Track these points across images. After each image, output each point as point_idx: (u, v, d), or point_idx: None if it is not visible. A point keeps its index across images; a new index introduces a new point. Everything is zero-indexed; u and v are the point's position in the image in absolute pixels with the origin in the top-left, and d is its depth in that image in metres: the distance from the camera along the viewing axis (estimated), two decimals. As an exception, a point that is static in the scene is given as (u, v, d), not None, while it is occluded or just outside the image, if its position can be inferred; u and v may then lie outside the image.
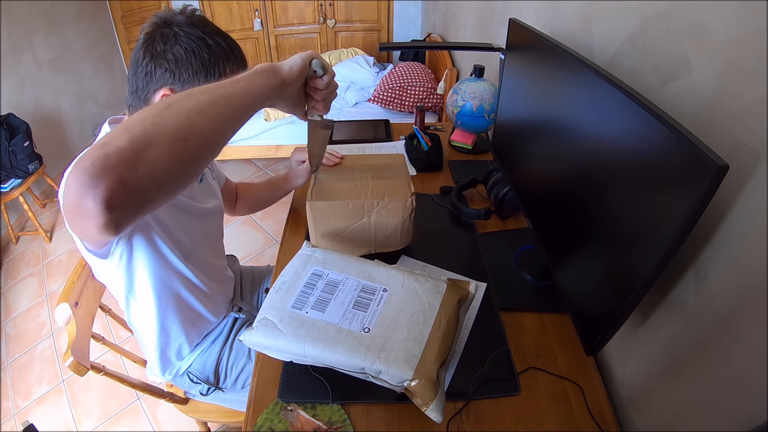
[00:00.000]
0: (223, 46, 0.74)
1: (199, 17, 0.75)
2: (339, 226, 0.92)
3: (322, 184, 0.95)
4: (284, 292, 0.75)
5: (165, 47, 0.71)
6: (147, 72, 0.72)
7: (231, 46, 0.76)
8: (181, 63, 0.72)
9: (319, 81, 0.67)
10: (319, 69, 0.66)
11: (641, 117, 0.52)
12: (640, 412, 0.71)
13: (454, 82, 2.11)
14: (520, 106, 0.98)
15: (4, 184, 2.29)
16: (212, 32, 0.74)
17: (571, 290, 0.74)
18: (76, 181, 0.40)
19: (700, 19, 0.56)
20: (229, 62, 0.75)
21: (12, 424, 1.67)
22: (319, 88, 0.68)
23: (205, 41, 0.72)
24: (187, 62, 0.72)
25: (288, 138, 2.73)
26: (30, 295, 2.19)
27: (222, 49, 0.74)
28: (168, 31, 0.71)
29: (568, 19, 0.97)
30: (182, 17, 0.73)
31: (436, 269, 0.96)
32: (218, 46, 0.73)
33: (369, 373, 0.65)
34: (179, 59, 0.71)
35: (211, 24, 0.76)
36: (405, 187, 0.92)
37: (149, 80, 0.72)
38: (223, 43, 0.74)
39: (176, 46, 0.71)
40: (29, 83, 2.71)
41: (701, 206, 0.44)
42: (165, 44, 0.71)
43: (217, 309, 1.02)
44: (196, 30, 0.72)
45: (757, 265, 0.47)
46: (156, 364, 0.98)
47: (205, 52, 0.72)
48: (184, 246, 0.86)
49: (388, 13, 3.58)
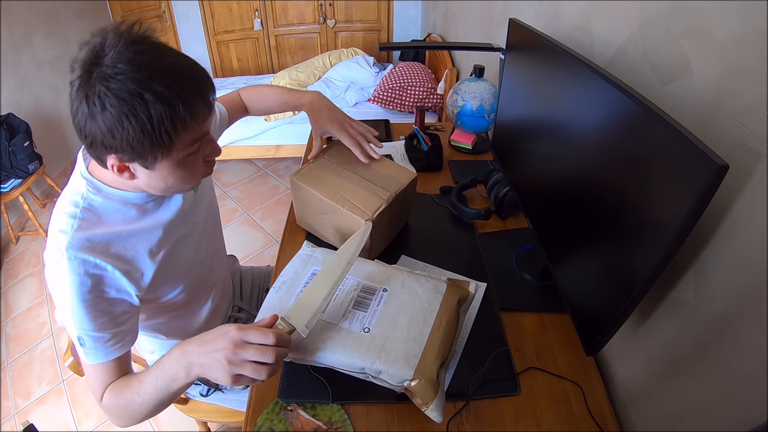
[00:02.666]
0: (167, 97, 0.55)
1: (135, 48, 0.56)
2: (310, 212, 0.98)
3: (315, 167, 0.97)
4: (284, 292, 0.75)
5: (92, 110, 0.55)
6: (86, 135, 0.58)
7: (179, 89, 0.57)
8: (116, 132, 0.56)
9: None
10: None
11: (641, 117, 0.52)
12: (640, 412, 0.71)
13: (454, 82, 2.11)
14: (520, 106, 0.98)
15: (4, 184, 2.29)
16: (150, 75, 0.55)
17: (571, 290, 0.74)
18: None
19: (700, 20, 0.56)
20: (176, 117, 0.57)
21: (12, 424, 1.67)
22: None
23: (141, 96, 0.54)
24: (122, 132, 0.56)
25: (288, 138, 2.73)
26: (30, 295, 2.19)
27: (165, 102, 0.56)
28: (93, 90, 0.54)
29: (568, 19, 0.97)
30: (112, 54, 0.55)
31: (436, 269, 0.96)
32: (160, 99, 0.55)
33: (369, 373, 0.65)
34: (112, 128, 0.56)
35: (154, 53, 0.57)
36: (371, 205, 0.87)
37: (91, 144, 0.59)
38: (166, 90, 0.55)
39: (105, 112, 0.55)
40: (29, 83, 2.71)
41: (701, 206, 0.44)
42: (91, 106, 0.55)
43: (217, 318, 1.01)
44: (129, 77, 0.54)
45: (757, 265, 0.47)
46: (151, 359, 0.98)
47: (144, 114, 0.55)
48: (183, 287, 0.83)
49: (388, 13, 3.58)
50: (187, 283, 0.83)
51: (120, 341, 0.69)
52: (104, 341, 0.67)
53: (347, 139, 0.97)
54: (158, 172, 0.63)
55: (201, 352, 0.61)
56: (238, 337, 0.59)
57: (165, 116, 0.56)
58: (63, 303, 0.65)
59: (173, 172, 0.64)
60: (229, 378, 0.59)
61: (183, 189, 0.71)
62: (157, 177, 0.64)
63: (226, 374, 0.59)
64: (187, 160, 0.64)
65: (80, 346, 0.66)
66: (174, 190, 0.70)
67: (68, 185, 0.71)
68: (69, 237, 0.64)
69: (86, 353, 0.67)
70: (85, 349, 0.67)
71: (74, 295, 0.63)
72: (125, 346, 0.70)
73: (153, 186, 0.67)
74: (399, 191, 0.92)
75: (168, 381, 0.64)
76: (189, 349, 0.62)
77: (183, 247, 0.80)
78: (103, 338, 0.67)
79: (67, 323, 0.66)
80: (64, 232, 0.64)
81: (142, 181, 0.66)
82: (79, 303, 0.64)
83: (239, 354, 0.58)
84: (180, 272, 0.81)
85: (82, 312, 0.64)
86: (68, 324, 0.66)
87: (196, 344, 0.62)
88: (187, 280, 0.83)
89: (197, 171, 0.68)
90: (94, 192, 0.68)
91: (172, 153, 0.61)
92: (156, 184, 0.66)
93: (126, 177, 0.64)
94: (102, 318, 0.66)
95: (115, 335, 0.68)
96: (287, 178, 2.87)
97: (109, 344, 0.67)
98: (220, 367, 0.59)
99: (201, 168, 0.69)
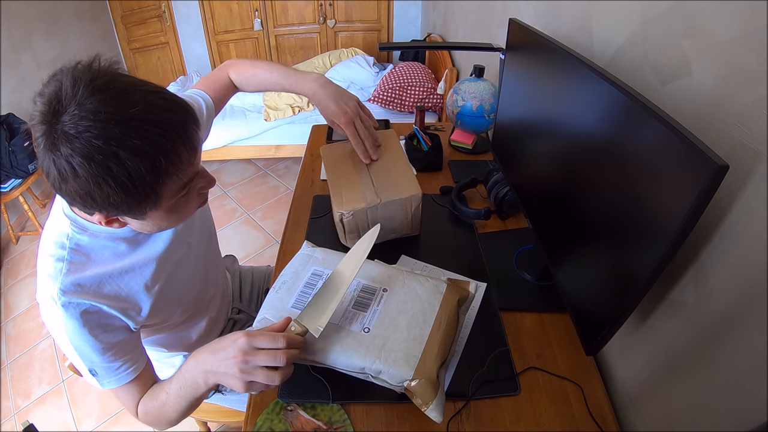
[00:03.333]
0: (143, 150, 0.49)
1: (96, 99, 0.48)
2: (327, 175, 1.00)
3: (343, 147, 1.03)
4: (284, 292, 0.75)
5: (64, 177, 0.48)
6: (63, 196, 0.52)
7: (156, 138, 0.50)
8: (96, 195, 0.50)
9: None
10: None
11: (641, 117, 0.52)
12: (640, 412, 0.71)
13: (454, 82, 2.11)
14: (520, 106, 0.98)
15: (4, 184, 2.29)
16: (121, 130, 0.47)
17: (571, 290, 0.74)
18: None
19: (700, 20, 0.56)
20: (157, 170, 0.51)
21: (12, 424, 1.67)
22: None
23: (115, 155, 0.47)
24: (102, 194, 0.50)
25: (288, 138, 2.73)
26: (30, 295, 2.19)
27: (143, 156, 0.49)
28: (58, 155, 0.47)
29: (568, 19, 0.97)
30: (72, 110, 0.47)
31: (436, 269, 0.96)
32: (136, 154, 0.48)
33: (369, 373, 0.65)
34: (91, 192, 0.50)
35: (119, 99, 0.49)
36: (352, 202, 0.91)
37: (73, 201, 0.53)
38: (141, 143, 0.48)
39: (77, 179, 0.48)
40: (29, 83, 2.71)
41: (701, 206, 0.44)
42: (62, 173, 0.48)
43: (217, 325, 1.00)
44: (95, 135, 0.46)
45: (757, 265, 0.47)
46: (157, 366, 0.98)
47: (122, 173, 0.49)
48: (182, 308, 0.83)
49: (388, 13, 3.58)
50: (185, 304, 0.83)
51: (132, 365, 0.69)
52: (115, 369, 0.67)
53: (352, 136, 0.93)
54: (150, 220, 0.61)
55: (213, 362, 0.61)
56: (247, 345, 0.58)
57: (145, 171, 0.50)
58: (65, 344, 0.65)
59: (166, 217, 0.61)
60: (243, 385, 0.59)
61: (179, 224, 0.69)
62: (150, 223, 0.62)
63: (239, 382, 0.59)
64: (178, 203, 0.60)
65: (93, 376, 0.67)
66: (169, 227, 0.68)
67: (50, 222, 0.67)
68: (60, 284, 0.62)
69: (101, 382, 0.68)
70: (99, 379, 0.67)
71: (75, 337, 0.63)
72: (139, 368, 0.71)
73: (146, 229, 0.65)
74: (388, 201, 0.92)
75: (190, 389, 0.65)
76: (202, 358, 0.63)
77: (179, 273, 0.79)
78: (114, 367, 0.67)
79: (74, 360, 0.66)
80: (54, 278, 0.62)
81: (134, 226, 0.63)
82: (81, 343, 0.64)
83: (250, 361, 0.58)
84: (177, 298, 0.80)
85: (86, 349, 0.64)
86: (75, 361, 0.66)
87: (208, 353, 0.62)
88: (185, 302, 0.83)
89: (191, 207, 0.64)
90: (79, 231, 0.65)
91: (161, 203, 0.57)
92: (149, 228, 0.64)
93: (116, 227, 0.63)
94: (109, 351, 0.66)
95: (126, 361, 0.69)
96: (287, 178, 2.87)
97: (121, 370, 0.68)
98: (233, 375, 0.59)
99: (195, 202, 0.64)
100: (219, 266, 1.01)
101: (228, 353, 0.59)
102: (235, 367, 0.58)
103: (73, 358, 0.66)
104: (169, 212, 0.61)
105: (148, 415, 0.71)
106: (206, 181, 0.64)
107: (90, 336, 0.64)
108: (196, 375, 0.63)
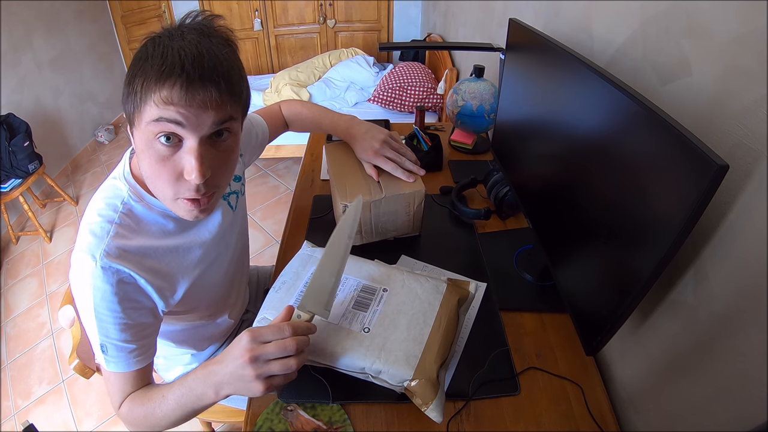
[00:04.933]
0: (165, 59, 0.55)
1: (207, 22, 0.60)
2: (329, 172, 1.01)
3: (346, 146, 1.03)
4: (284, 292, 0.75)
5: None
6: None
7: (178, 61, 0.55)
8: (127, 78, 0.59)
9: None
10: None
11: (641, 117, 0.52)
12: (640, 412, 0.71)
13: (454, 82, 2.11)
14: (520, 106, 0.98)
15: (4, 184, 2.29)
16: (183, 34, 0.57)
17: (571, 290, 0.74)
18: None
19: (700, 20, 0.56)
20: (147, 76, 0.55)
21: (12, 424, 1.67)
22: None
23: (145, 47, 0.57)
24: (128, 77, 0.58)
25: (288, 138, 2.69)
26: (30, 295, 2.19)
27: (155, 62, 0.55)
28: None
29: (568, 19, 0.97)
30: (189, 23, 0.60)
31: (436, 269, 0.96)
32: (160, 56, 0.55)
33: (369, 373, 0.65)
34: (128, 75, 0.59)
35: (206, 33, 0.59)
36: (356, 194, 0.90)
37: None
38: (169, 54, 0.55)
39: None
40: (29, 83, 2.71)
41: (701, 206, 0.44)
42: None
43: (230, 329, 1.00)
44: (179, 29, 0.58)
45: (757, 265, 0.47)
46: (162, 365, 0.98)
47: (139, 62, 0.57)
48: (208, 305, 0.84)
49: (388, 13, 3.58)
50: (211, 299, 0.84)
51: (143, 353, 0.67)
52: (128, 352, 0.65)
53: (384, 165, 0.94)
54: (137, 142, 0.60)
55: (222, 370, 0.59)
56: (252, 341, 0.57)
57: (147, 72, 0.55)
58: (87, 308, 0.62)
59: (145, 149, 0.59)
60: (261, 384, 0.57)
61: (162, 194, 0.63)
62: (138, 149, 0.60)
63: (255, 381, 0.57)
64: (152, 142, 0.58)
65: (102, 352, 0.64)
66: (154, 184, 0.63)
67: (107, 184, 0.68)
68: (104, 245, 0.61)
69: (107, 361, 0.65)
70: (106, 357, 0.64)
71: (102, 303, 0.61)
72: (147, 359, 0.68)
73: (140, 165, 0.62)
74: (392, 195, 0.92)
75: (194, 399, 0.62)
76: (212, 369, 0.60)
77: (215, 268, 0.80)
78: (127, 349, 0.65)
79: (90, 329, 0.64)
80: (100, 238, 0.62)
81: (137, 151, 0.62)
82: (106, 311, 0.62)
83: (260, 356, 0.56)
84: (207, 291, 0.80)
85: (108, 321, 0.62)
86: (91, 330, 0.64)
87: (215, 364, 0.60)
88: (212, 298, 0.83)
89: (167, 172, 0.59)
90: (136, 199, 0.66)
91: (140, 117, 0.57)
92: (140, 162, 0.62)
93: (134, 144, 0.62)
94: (129, 330, 0.64)
95: (140, 347, 0.66)
96: (287, 178, 2.87)
97: (132, 355, 0.65)
98: (246, 377, 0.57)
99: (171, 173, 0.59)
100: (244, 277, 1.02)
101: (235, 354, 0.57)
102: (247, 366, 0.56)
103: (89, 327, 0.63)
104: (145, 144, 0.58)
105: (132, 415, 0.67)
106: (190, 165, 0.58)
107: (118, 306, 0.62)
108: (206, 386, 0.61)
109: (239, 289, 0.98)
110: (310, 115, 1.05)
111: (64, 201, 2.75)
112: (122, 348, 0.64)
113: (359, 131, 0.97)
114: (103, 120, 3.49)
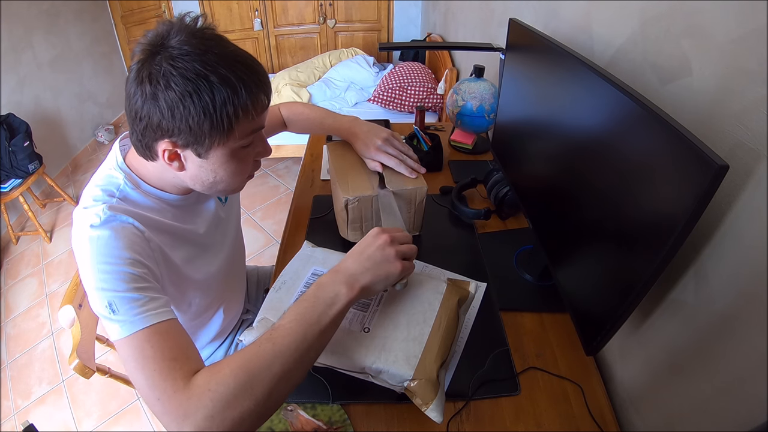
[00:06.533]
0: (232, 81, 0.56)
1: (201, 35, 0.57)
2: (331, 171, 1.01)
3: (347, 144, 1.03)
4: (284, 292, 0.75)
5: (155, 89, 0.55)
6: (141, 118, 0.58)
7: (244, 76, 0.58)
8: (177, 111, 0.56)
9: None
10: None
11: (641, 117, 0.52)
12: (640, 412, 0.71)
13: (454, 82, 2.11)
14: (520, 106, 0.98)
15: (4, 184, 2.29)
16: (217, 59, 0.56)
17: (571, 290, 0.74)
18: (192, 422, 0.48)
19: (700, 20, 0.56)
20: (238, 102, 0.58)
21: (12, 424, 1.67)
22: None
23: (206, 78, 0.55)
24: (183, 111, 0.56)
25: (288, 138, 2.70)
26: (30, 295, 2.19)
27: (230, 86, 0.56)
28: (157, 68, 0.55)
29: (568, 19, 0.97)
30: (178, 38, 0.56)
31: (436, 269, 0.96)
32: (225, 83, 0.56)
33: (369, 373, 0.65)
34: (173, 107, 0.56)
35: (218, 42, 0.59)
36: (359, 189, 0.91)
37: (146, 129, 0.59)
38: (231, 75, 0.56)
39: (168, 90, 0.55)
40: (29, 83, 2.71)
41: (701, 206, 0.44)
42: (154, 85, 0.55)
43: (227, 325, 1.00)
44: (195, 59, 0.55)
45: (757, 265, 0.47)
46: None
47: (208, 94, 0.56)
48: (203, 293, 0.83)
49: (388, 13, 3.59)
50: (204, 292, 0.84)
51: (161, 306, 0.58)
52: (140, 304, 0.56)
53: (387, 160, 0.94)
54: (210, 162, 0.63)
55: (356, 259, 0.62)
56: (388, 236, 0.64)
57: (228, 99, 0.57)
58: (89, 267, 0.57)
59: (225, 163, 0.63)
60: (400, 264, 0.62)
61: (229, 187, 0.68)
62: (208, 168, 0.63)
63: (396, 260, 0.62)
64: (240, 152, 0.64)
65: (111, 313, 0.55)
66: (220, 186, 0.67)
67: (101, 174, 0.67)
68: (107, 206, 0.61)
69: (122, 324, 0.54)
70: (118, 317, 0.55)
71: (105, 253, 0.57)
72: (167, 312, 0.58)
73: (200, 179, 0.65)
74: (394, 191, 0.92)
75: (323, 309, 0.56)
76: (344, 266, 0.62)
77: (210, 255, 0.81)
78: (138, 300, 0.56)
79: (92, 292, 0.57)
80: (104, 202, 0.62)
81: (190, 172, 0.64)
82: (109, 261, 0.57)
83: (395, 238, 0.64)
84: (200, 277, 0.80)
85: (112, 272, 0.56)
86: (94, 292, 0.57)
87: (350, 260, 0.63)
88: (204, 289, 0.83)
89: (246, 168, 0.68)
90: (132, 186, 0.66)
91: (229, 141, 0.61)
92: (204, 176, 0.64)
93: (175, 167, 0.63)
94: (134, 282, 0.57)
95: (151, 299, 0.57)
96: (287, 178, 2.87)
97: (144, 308, 0.56)
98: (389, 255, 0.62)
99: (250, 166, 0.69)
100: (241, 278, 1.04)
101: (369, 241, 0.63)
102: (388, 246, 0.62)
103: (92, 287, 0.57)
104: (230, 157, 0.63)
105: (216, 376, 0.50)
106: (263, 147, 0.70)
107: (122, 252, 0.58)
108: (336, 285, 0.58)
109: (235, 280, 0.98)
110: (313, 116, 1.06)
111: (64, 201, 2.75)
112: (132, 300, 0.56)
113: (361, 130, 0.98)
114: (103, 120, 3.49)
